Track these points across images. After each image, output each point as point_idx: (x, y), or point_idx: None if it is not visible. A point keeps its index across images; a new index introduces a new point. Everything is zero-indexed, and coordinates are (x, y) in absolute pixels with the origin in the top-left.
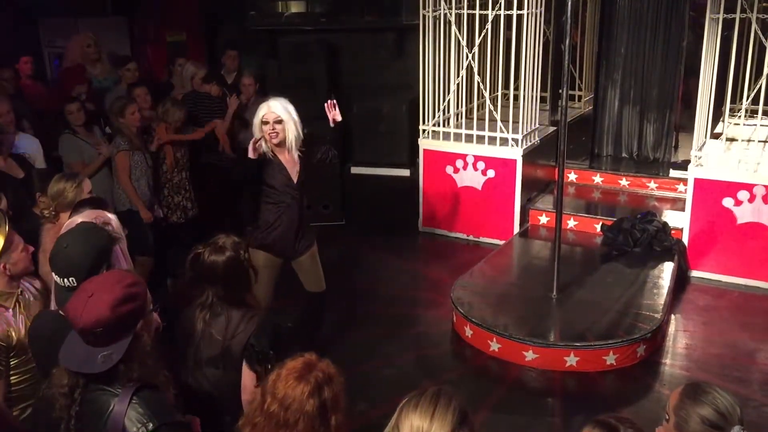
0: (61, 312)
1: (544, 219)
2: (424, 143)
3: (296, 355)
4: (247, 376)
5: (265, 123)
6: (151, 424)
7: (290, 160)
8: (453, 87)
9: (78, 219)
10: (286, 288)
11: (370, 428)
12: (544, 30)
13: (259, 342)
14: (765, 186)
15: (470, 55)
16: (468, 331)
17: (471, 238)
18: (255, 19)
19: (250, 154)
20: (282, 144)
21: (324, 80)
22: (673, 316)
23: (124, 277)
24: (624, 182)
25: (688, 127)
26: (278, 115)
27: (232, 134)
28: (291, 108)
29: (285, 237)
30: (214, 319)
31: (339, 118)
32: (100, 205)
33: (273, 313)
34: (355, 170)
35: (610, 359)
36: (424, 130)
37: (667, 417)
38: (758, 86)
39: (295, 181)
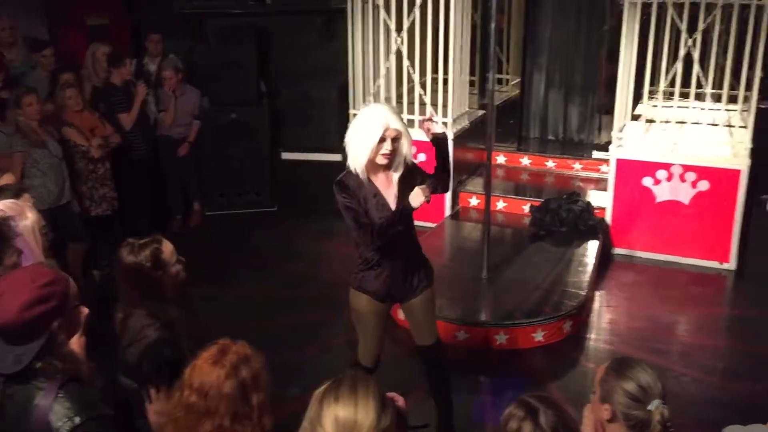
0: None
1: (474, 201)
2: None
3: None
4: (144, 394)
5: (383, 140)
6: (78, 419)
7: (385, 181)
8: (383, 71)
9: None
10: (218, 274)
11: (303, 413)
12: (471, 14)
13: (148, 361)
14: (682, 165)
15: (399, 40)
16: (401, 314)
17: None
18: (182, 2)
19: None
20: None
21: (252, 64)
22: (597, 293)
23: (39, 275)
24: (550, 164)
25: (610, 109)
26: (398, 130)
27: (147, 124)
28: (401, 116)
29: (392, 277)
30: (124, 324)
31: (436, 129)
32: (17, 195)
33: (172, 327)
34: (285, 155)
35: (538, 336)
36: (354, 114)
37: (594, 390)
38: (674, 69)
39: (393, 206)
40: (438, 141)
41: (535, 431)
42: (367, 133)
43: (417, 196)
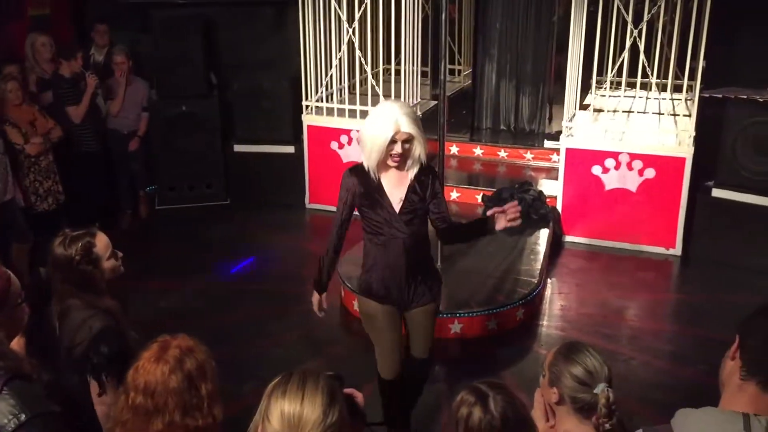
0: None
1: None
2: (308, 119)
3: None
4: (93, 387)
5: (393, 142)
6: (24, 416)
7: (394, 180)
8: (335, 62)
9: None
10: (169, 269)
11: (257, 408)
12: (422, 5)
13: (97, 351)
14: (629, 153)
15: (350, 30)
16: (356, 305)
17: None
18: None
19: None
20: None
21: (201, 56)
22: (549, 280)
23: None
24: (503, 153)
25: (560, 99)
26: (409, 133)
27: (98, 117)
28: (417, 116)
29: (389, 281)
30: (64, 318)
31: (516, 222)
32: None
33: (115, 317)
34: (237, 148)
35: (492, 324)
36: (307, 106)
37: (544, 373)
38: (621, 59)
39: (397, 209)
40: (486, 228)
41: (484, 417)
42: (377, 135)
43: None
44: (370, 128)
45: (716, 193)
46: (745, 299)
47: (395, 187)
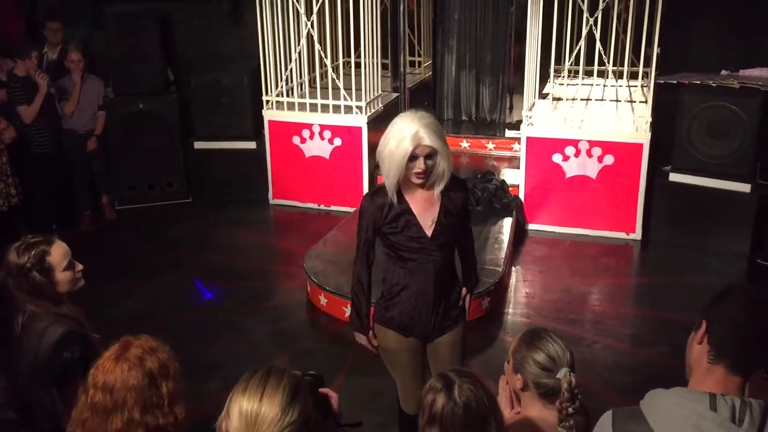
0: None
1: None
2: (269, 114)
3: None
4: (60, 397)
5: (414, 158)
6: None
7: (422, 201)
8: (294, 56)
9: None
10: (131, 269)
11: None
12: None
13: (59, 358)
14: (588, 141)
15: (309, 24)
16: (323, 300)
17: (322, 207)
18: None
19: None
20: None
21: (157, 52)
22: (513, 268)
23: None
24: (465, 144)
25: (520, 88)
26: (432, 147)
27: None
28: (440, 127)
29: (414, 310)
30: (27, 329)
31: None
32: None
33: (77, 322)
34: (198, 145)
35: None
36: (267, 101)
37: (509, 359)
38: (578, 48)
39: (429, 232)
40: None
41: (447, 404)
42: (396, 151)
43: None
44: (387, 144)
45: (673, 177)
46: (704, 281)
47: (425, 209)
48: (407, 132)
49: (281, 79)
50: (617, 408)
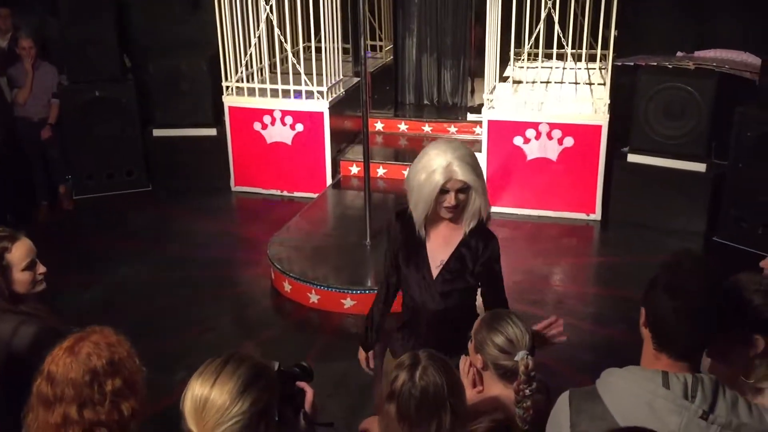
0: None
1: (354, 169)
2: (229, 100)
3: None
4: None
5: (444, 192)
6: None
7: (444, 236)
8: (254, 41)
9: None
10: (91, 260)
11: None
12: None
13: (38, 356)
14: (549, 123)
15: (268, 8)
16: (287, 286)
17: (285, 193)
18: None
19: None
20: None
21: (113, 40)
22: None
23: None
24: (427, 128)
25: (481, 72)
26: (465, 182)
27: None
28: (476, 159)
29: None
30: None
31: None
32: None
33: (43, 320)
34: (157, 133)
35: None
36: (227, 87)
37: (471, 339)
38: (537, 31)
39: (434, 273)
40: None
41: (406, 383)
42: (426, 183)
43: None
44: (416, 174)
45: (631, 158)
46: (662, 259)
47: (441, 245)
48: (439, 164)
49: (241, 65)
50: (574, 388)
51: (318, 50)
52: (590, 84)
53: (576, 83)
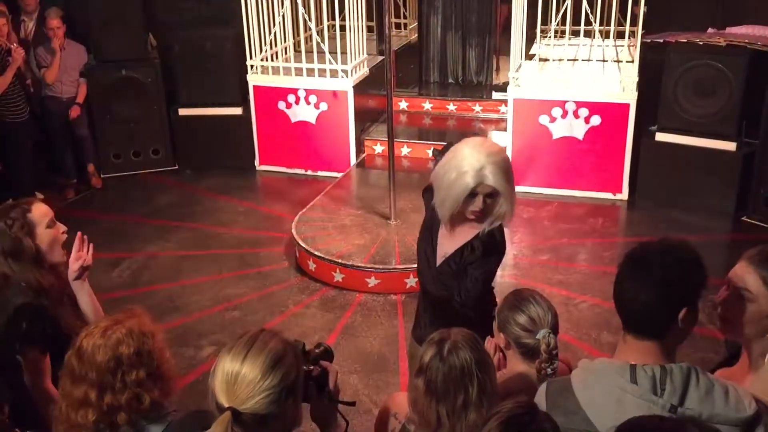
0: None
1: (379, 148)
2: (254, 79)
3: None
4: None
5: (473, 195)
6: None
7: (459, 229)
8: (278, 20)
9: None
10: (119, 238)
11: None
12: None
13: (18, 330)
14: (575, 102)
15: None
16: (312, 265)
17: (309, 172)
18: None
19: None
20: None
21: (139, 17)
22: None
23: None
24: (451, 107)
25: (506, 50)
26: (494, 188)
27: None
28: (509, 163)
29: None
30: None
31: None
32: None
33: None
34: (183, 112)
35: None
36: (252, 66)
37: (494, 318)
38: (564, 8)
39: (438, 261)
40: None
41: (434, 357)
42: (455, 183)
43: None
44: (447, 172)
45: (659, 137)
46: (689, 239)
47: (452, 237)
48: (471, 165)
49: (265, 43)
50: (552, 379)
51: (342, 28)
52: (618, 61)
53: (603, 61)
